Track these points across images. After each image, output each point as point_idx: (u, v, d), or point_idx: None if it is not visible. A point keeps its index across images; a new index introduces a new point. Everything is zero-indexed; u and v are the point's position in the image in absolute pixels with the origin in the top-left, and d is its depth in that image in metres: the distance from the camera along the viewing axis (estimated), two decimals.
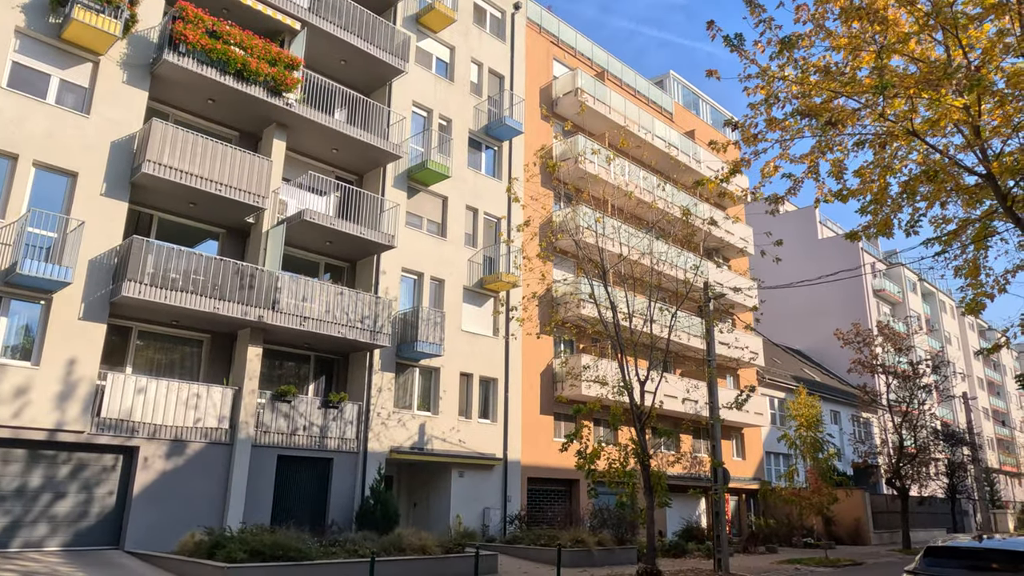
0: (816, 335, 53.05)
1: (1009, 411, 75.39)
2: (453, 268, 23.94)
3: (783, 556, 26.12)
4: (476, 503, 22.83)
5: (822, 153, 10.99)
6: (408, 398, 22.18)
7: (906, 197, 11.01)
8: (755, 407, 35.38)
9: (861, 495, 35.18)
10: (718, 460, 19.70)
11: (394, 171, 22.82)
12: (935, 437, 36.02)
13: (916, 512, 37.41)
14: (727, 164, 11.77)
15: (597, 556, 19.93)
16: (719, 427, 20.06)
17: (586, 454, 18.26)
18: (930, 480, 36.48)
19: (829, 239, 57.33)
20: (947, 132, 11.12)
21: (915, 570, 8.93)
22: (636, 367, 18.77)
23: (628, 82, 34.43)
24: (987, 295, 11.09)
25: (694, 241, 19.83)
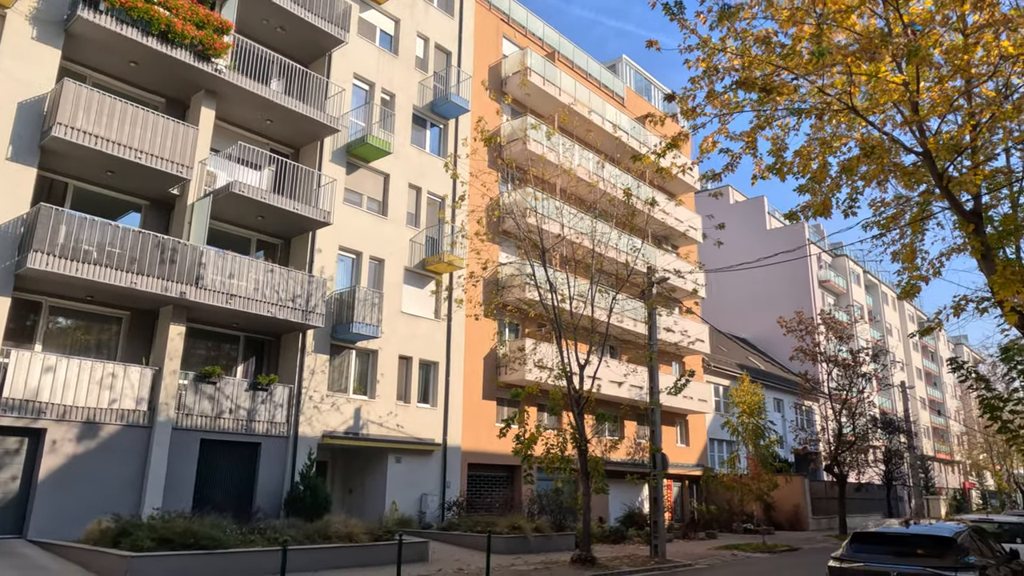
0: (762, 324, 53.67)
1: (944, 401, 77.85)
2: (394, 248, 23.21)
3: (722, 542, 26.23)
4: (414, 489, 22.27)
5: (760, 128, 10.64)
6: (344, 381, 21.45)
7: (845, 176, 10.74)
8: (699, 394, 35.53)
9: (801, 481, 35.70)
10: (656, 446, 19.51)
11: (332, 145, 21.95)
12: (873, 425, 36.72)
13: (853, 498, 38.15)
14: (666, 139, 11.34)
15: (533, 543, 19.59)
16: (659, 412, 19.85)
17: (524, 439, 17.85)
18: (868, 467, 37.22)
19: (777, 229, 58.04)
20: (887, 111, 10.89)
21: (841, 557, 8.72)
22: (576, 351, 18.39)
23: (580, 65, 33.97)
24: (922, 278, 10.94)
25: (636, 223, 19.47)
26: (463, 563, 16.03)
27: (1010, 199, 10.79)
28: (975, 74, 8.90)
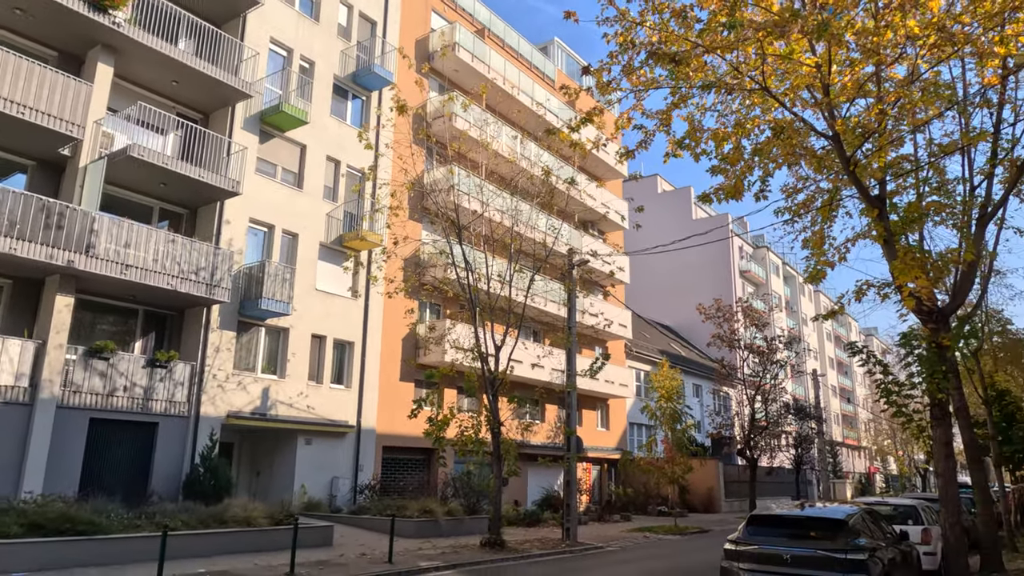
0: (685, 312, 54.65)
1: (854, 389, 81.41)
2: (309, 222, 22.30)
3: (636, 524, 26.53)
4: (324, 472, 21.58)
5: (676, 107, 10.44)
6: (252, 360, 20.53)
7: (757, 158, 10.66)
8: (620, 379, 35.86)
9: (715, 465, 36.54)
10: (571, 429, 19.41)
11: (245, 112, 20.85)
12: (786, 411, 37.86)
13: (764, 481, 39.34)
14: (579, 113, 11.01)
15: (445, 526, 19.25)
16: (575, 395, 19.75)
17: (436, 421, 17.43)
18: (779, 451, 38.43)
19: (703, 219, 59.13)
20: (799, 94, 10.85)
21: (737, 539, 8.67)
22: (492, 332, 18.04)
23: (511, 44, 33.45)
24: (828, 264, 10.98)
25: (556, 203, 19.21)
26: (368, 547, 15.55)
27: (915, 187, 10.94)
28: (884, 57, 8.89)
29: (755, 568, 8.17)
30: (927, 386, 9.32)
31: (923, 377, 9.48)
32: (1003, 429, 21.15)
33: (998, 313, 25.44)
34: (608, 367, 35.50)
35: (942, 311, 9.45)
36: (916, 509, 12.78)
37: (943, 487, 9.02)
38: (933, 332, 9.38)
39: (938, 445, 9.10)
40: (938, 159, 10.92)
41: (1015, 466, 23.48)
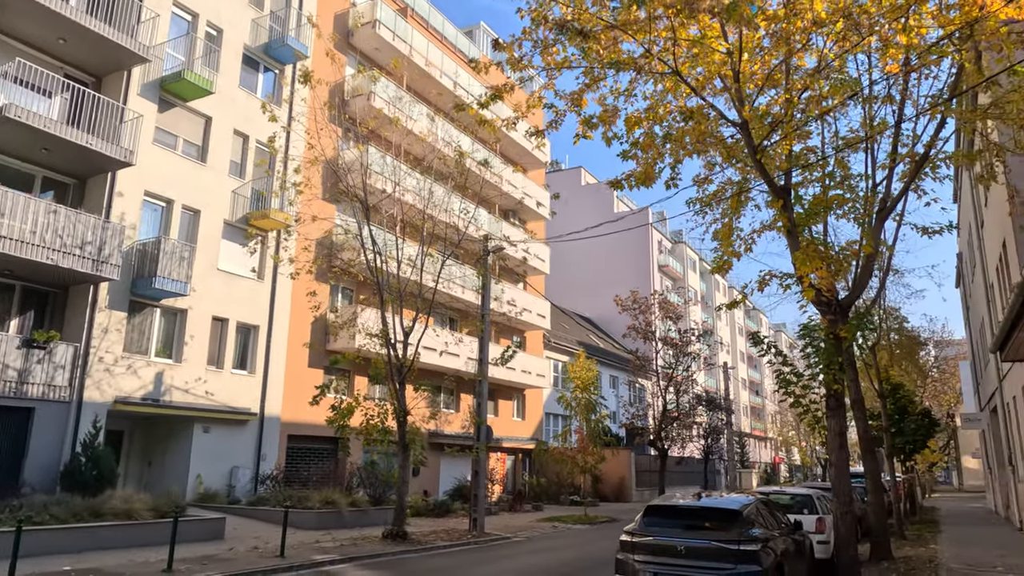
0: (604, 305, 55.16)
1: (763, 382, 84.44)
2: (213, 198, 21.11)
3: (547, 514, 26.50)
4: (224, 462, 20.55)
5: (588, 87, 10.15)
6: (145, 342, 19.29)
7: (668, 145, 10.49)
8: (537, 369, 35.81)
9: (627, 455, 37.02)
10: (482, 418, 19.07)
11: (143, 78, 19.49)
12: (697, 402, 38.68)
13: (675, 471, 40.13)
14: (498, 92, 10.57)
15: (348, 518, 18.62)
16: (486, 384, 19.42)
17: (340, 408, 16.76)
18: (690, 442, 39.25)
19: (625, 213, 59.87)
20: (711, 80, 10.75)
21: (633, 531, 8.49)
22: (401, 317, 17.47)
23: (435, 26, 32.71)
24: (734, 254, 10.95)
25: (471, 187, 18.76)
26: (263, 540, 14.79)
27: (820, 181, 11.03)
28: (792, 45, 8.85)
29: (650, 560, 8.01)
30: (824, 377, 9.40)
31: (820, 368, 9.55)
32: (896, 421, 22.06)
33: (896, 311, 26.60)
34: (526, 357, 35.71)
35: (841, 303, 9.55)
36: (812, 499, 13.04)
37: (836, 477, 9.12)
38: (831, 324, 9.47)
39: (832, 436, 9.19)
40: (842, 152, 11.06)
41: (905, 456, 24.59)
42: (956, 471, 71.44)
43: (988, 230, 19.08)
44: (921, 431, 22.33)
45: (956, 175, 28.29)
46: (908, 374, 27.12)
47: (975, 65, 8.97)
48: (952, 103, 9.56)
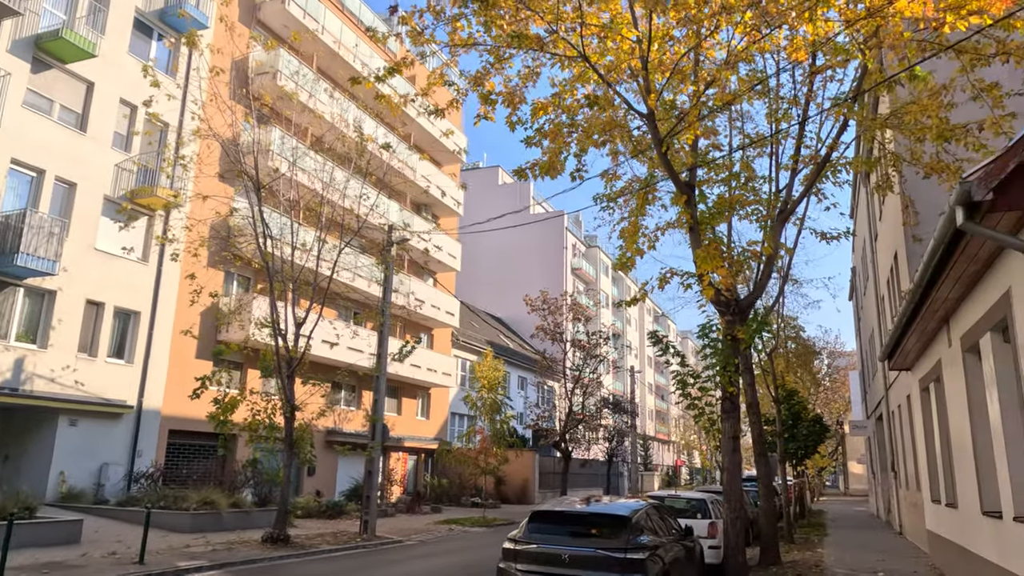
0: (517, 306, 55.00)
1: (669, 387, 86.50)
2: (93, 171, 19.41)
3: (445, 516, 25.82)
4: (92, 459, 18.90)
5: (493, 67, 9.59)
6: (3, 324, 17.46)
7: (575, 135, 10.05)
8: (444, 367, 35.11)
9: (531, 457, 36.76)
10: (378, 415, 18.22)
11: (14, 33, 17.68)
12: (603, 405, 38.86)
13: (579, 473, 40.20)
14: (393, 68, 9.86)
15: (228, 520, 17.39)
16: (384, 380, 18.56)
17: (223, 402, 15.57)
18: (595, 444, 39.41)
19: (540, 214, 59.97)
20: (623, 75, 10.39)
21: (517, 538, 7.97)
22: (294, 307, 16.43)
23: (351, 8, 31.53)
24: (638, 252, 10.62)
25: (374, 172, 17.88)
26: (125, 544, 13.51)
27: (725, 181, 10.86)
28: (703, 33, 8.58)
29: (532, 569, 7.49)
30: (720, 378, 9.18)
31: (717, 370, 9.33)
32: (789, 427, 22.58)
33: (793, 320, 27.36)
34: (432, 355, 34.92)
35: (740, 304, 9.36)
36: (705, 503, 12.92)
37: (728, 481, 8.90)
38: (729, 324, 9.27)
39: (726, 439, 8.97)
40: (747, 151, 10.94)
41: (797, 461, 25.29)
42: (843, 476, 75.10)
43: (881, 243, 19.72)
44: (813, 437, 22.96)
45: (854, 191, 29.42)
46: (802, 382, 27.94)
47: (878, 65, 8.95)
48: (855, 106, 9.53)
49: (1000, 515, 7.62)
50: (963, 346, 8.89)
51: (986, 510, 8.24)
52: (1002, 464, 7.35)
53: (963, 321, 8.82)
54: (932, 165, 11.08)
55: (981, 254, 6.76)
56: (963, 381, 9.00)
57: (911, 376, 14.44)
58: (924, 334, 11.01)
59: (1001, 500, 7.52)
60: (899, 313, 11.14)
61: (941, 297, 8.73)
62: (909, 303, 9.79)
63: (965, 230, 5.88)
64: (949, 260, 7.07)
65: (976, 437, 8.53)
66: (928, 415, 12.61)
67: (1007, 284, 6.64)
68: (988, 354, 7.63)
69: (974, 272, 7.42)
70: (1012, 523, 7.12)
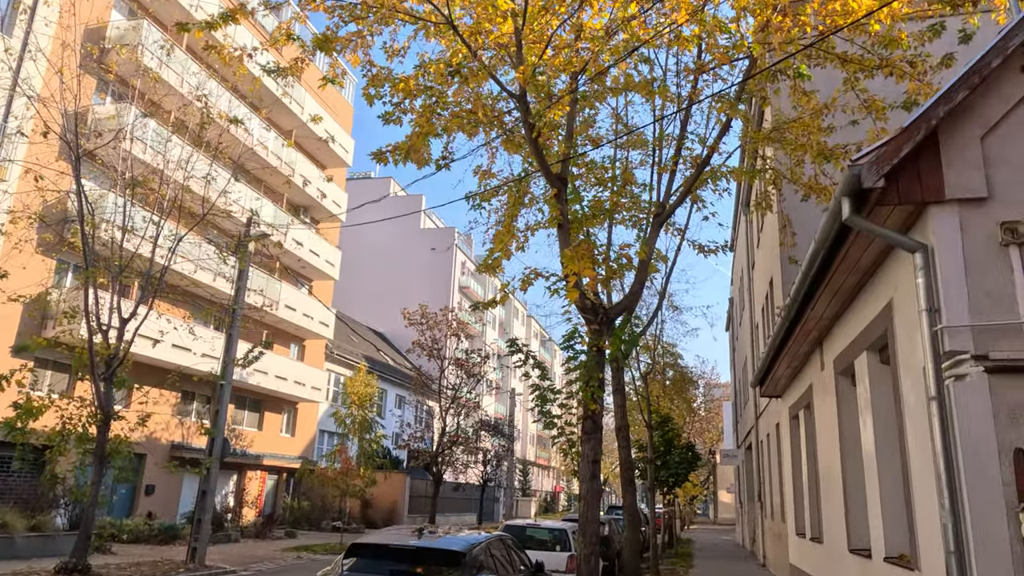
0: (401, 321, 53.33)
1: (552, 411, 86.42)
2: None
3: (299, 542, 23.76)
4: None
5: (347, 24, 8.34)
6: None
7: (445, 114, 8.90)
8: (313, 381, 32.95)
9: (403, 479, 35.03)
10: (218, 428, 16.21)
11: None
12: (481, 427, 37.68)
13: (452, 497, 38.76)
14: None
15: (22, 546, 14.82)
16: (228, 388, 16.57)
17: (23, 406, 13.23)
18: (471, 467, 38.10)
19: (431, 229, 58.70)
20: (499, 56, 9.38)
21: (328, 574, 6.59)
22: (118, 297, 14.28)
23: None
24: (506, 253, 9.55)
25: (225, 152, 16.07)
26: None
27: (602, 183, 10.01)
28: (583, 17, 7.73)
29: None
30: (582, 395, 8.22)
31: (579, 386, 8.37)
32: (662, 454, 22.16)
33: (672, 347, 27.28)
34: (301, 367, 32.66)
35: (608, 312, 8.47)
36: (567, 533, 11.93)
37: (584, 511, 7.91)
38: (596, 334, 8.35)
39: (585, 463, 8.00)
40: (628, 158, 10.22)
41: (668, 489, 24.96)
42: (713, 504, 77.21)
43: (758, 270, 19.73)
44: (685, 464, 22.66)
45: (734, 221, 29.97)
46: (677, 409, 27.84)
47: (765, 62, 8.39)
48: (740, 105, 8.95)
49: (869, 554, 6.95)
50: (836, 368, 8.32)
51: (853, 547, 7.60)
52: (874, 498, 6.68)
53: (837, 342, 8.25)
54: (811, 185, 10.74)
55: (863, 261, 6.08)
56: (835, 407, 8.43)
57: (781, 403, 14.11)
58: (796, 357, 10.53)
59: (871, 537, 6.85)
60: (772, 335, 10.63)
61: (816, 315, 8.14)
62: (784, 321, 9.22)
63: (851, 225, 5.13)
64: (829, 268, 6.38)
65: (846, 468, 7.93)
66: (796, 444, 12.19)
67: (888, 295, 5.98)
68: (863, 376, 7.00)
69: (853, 285, 6.78)
70: (882, 564, 6.42)
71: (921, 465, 5.29)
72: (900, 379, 5.76)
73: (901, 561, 6.05)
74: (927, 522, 5.20)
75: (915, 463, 5.46)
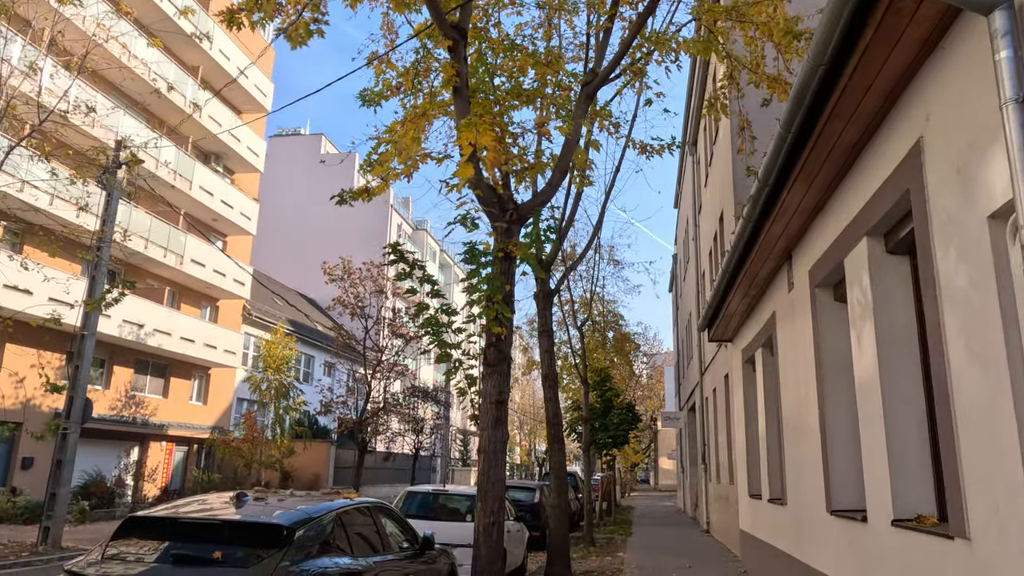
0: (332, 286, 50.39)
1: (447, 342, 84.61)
2: None
3: None
4: None
5: None
6: None
7: None
8: (227, 344, 30.21)
9: (326, 448, 32.62)
10: (78, 387, 13.64)
11: None
12: (413, 393, 35.55)
13: (382, 468, 36.57)
14: None
15: None
16: (92, 340, 13.98)
17: None
18: (403, 436, 35.96)
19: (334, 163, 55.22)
20: None
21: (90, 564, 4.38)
22: None
23: None
24: (402, 152, 7.34)
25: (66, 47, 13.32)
26: None
27: (523, 59, 7.86)
28: None
29: None
30: (484, 315, 6.21)
31: (482, 306, 6.34)
32: (600, 415, 20.45)
33: (612, 304, 25.54)
34: (212, 328, 29.82)
35: (519, 209, 6.42)
36: None
37: (484, 467, 5.90)
38: (504, 235, 6.31)
39: (487, 404, 5.98)
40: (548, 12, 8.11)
41: (606, 452, 23.31)
42: (654, 471, 77.09)
43: (706, 212, 17.99)
44: (624, 425, 20.97)
45: (679, 174, 28.29)
46: (617, 370, 26.19)
47: None
48: None
49: (863, 516, 5.11)
50: (812, 280, 6.44)
51: (836, 508, 5.77)
52: (875, 440, 4.81)
53: (816, 244, 6.36)
54: (774, 78, 8.89)
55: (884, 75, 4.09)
56: (810, 332, 6.56)
57: (732, 348, 12.37)
58: (754, 284, 8.68)
59: (868, 494, 5.00)
60: (725, 261, 8.76)
61: (788, 210, 6.20)
62: (742, 233, 7.32)
63: None
64: (822, 109, 4.41)
65: (827, 408, 6.08)
66: (751, 393, 10.44)
67: (915, 133, 4.03)
68: (860, 274, 5.09)
69: (853, 139, 4.82)
70: (887, 529, 4.57)
71: (979, 376, 3.37)
72: (935, 256, 3.83)
73: (920, 525, 4.19)
74: (987, 463, 3.31)
75: (964, 372, 3.54)
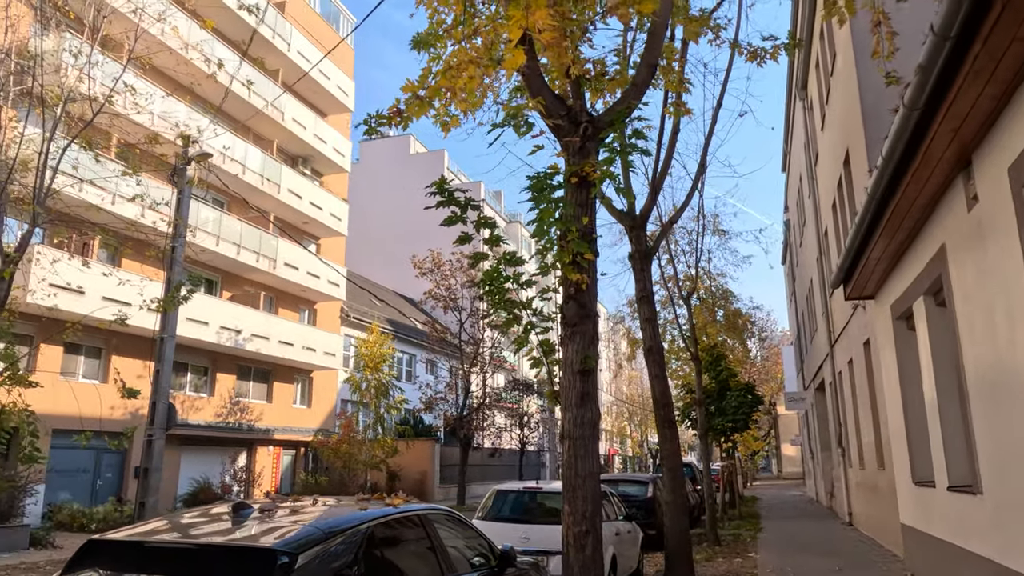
0: None
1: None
2: None
3: None
4: None
5: None
6: None
7: None
8: (327, 347, 30.06)
9: (430, 446, 32.00)
10: (160, 392, 13.16)
11: None
12: (514, 387, 34.52)
13: (489, 465, 35.69)
14: None
15: None
16: (172, 343, 13.51)
17: None
18: (505, 431, 35.02)
19: (455, 185, 54.89)
20: None
21: None
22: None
23: None
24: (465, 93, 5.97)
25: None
26: None
27: None
28: None
29: None
30: (558, 259, 4.78)
31: (555, 251, 4.91)
32: (716, 399, 18.50)
33: (721, 276, 23.47)
34: (311, 332, 29.74)
35: (595, 120, 4.91)
36: None
37: (570, 458, 4.46)
38: (576, 154, 4.80)
39: (568, 375, 4.54)
40: None
41: (726, 439, 21.23)
42: (776, 459, 72.88)
43: (823, 160, 15.74)
44: (744, 408, 18.89)
45: (785, 134, 25.72)
46: (731, 348, 24.00)
47: None
48: None
49: None
50: (1016, 181, 4.60)
51: None
52: None
53: (1019, 134, 4.52)
54: None
55: None
56: (1014, 253, 4.72)
57: (875, 307, 10.31)
58: (909, 214, 6.78)
59: None
60: (868, 195, 6.90)
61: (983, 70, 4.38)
62: (894, 144, 5.52)
63: None
64: None
65: None
66: (909, 356, 8.46)
67: None
68: None
69: None
70: None
71: None
72: None
73: None
74: None
75: None
